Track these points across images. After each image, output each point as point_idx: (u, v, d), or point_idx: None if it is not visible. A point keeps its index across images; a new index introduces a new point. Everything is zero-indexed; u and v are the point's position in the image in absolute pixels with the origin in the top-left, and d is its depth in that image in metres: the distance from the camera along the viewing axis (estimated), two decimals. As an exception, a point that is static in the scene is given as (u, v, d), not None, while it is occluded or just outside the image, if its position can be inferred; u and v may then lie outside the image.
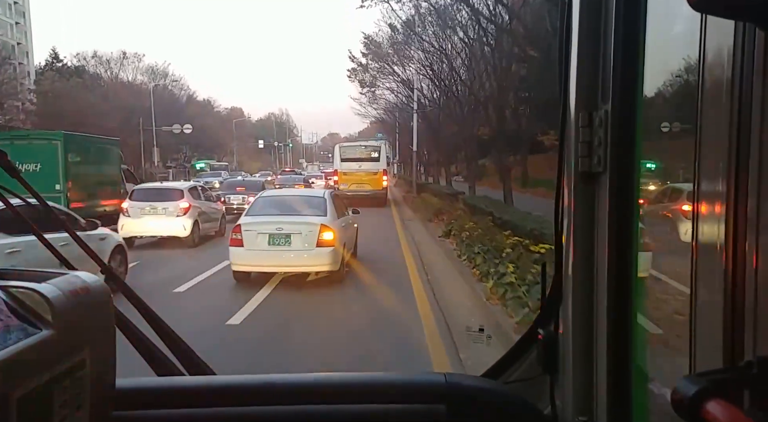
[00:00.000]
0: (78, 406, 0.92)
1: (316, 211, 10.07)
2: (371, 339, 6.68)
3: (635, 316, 1.10)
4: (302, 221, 9.65)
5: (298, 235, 9.39)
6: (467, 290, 9.08)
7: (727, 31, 0.75)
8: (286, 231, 9.43)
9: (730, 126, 0.76)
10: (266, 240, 9.37)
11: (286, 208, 10.44)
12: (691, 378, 0.63)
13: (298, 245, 9.37)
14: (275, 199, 11.43)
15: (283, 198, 11.70)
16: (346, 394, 1.31)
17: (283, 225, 9.51)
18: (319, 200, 10.57)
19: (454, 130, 29.00)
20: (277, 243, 9.39)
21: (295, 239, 9.39)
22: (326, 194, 11.34)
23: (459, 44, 23.97)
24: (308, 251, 9.32)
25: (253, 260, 9.42)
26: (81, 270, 1.05)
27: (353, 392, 1.31)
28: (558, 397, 1.28)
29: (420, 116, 33.28)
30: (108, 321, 1.03)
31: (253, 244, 9.35)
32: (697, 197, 0.83)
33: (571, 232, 1.17)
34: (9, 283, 0.91)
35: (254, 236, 9.37)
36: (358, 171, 28.31)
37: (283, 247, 9.38)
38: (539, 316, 1.37)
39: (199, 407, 1.27)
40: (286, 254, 9.39)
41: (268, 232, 9.42)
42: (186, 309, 8.04)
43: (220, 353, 5.77)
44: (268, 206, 10.59)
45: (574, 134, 1.14)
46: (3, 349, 0.79)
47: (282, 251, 9.38)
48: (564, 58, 1.17)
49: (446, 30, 23.54)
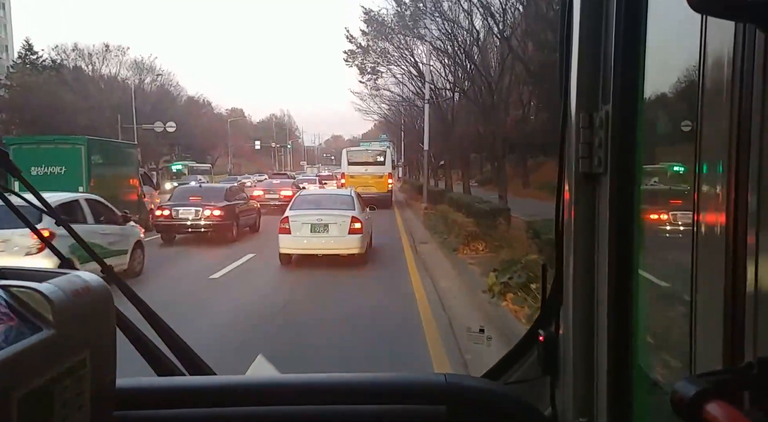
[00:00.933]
0: (79, 406, 0.92)
1: (346, 206, 12.69)
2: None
3: (636, 317, 1.10)
4: (337, 214, 12.09)
5: (335, 225, 11.87)
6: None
7: (727, 31, 0.75)
8: (324, 222, 11.93)
9: (731, 127, 0.76)
10: (309, 229, 11.87)
11: (322, 203, 12.97)
12: (691, 379, 0.63)
13: (334, 233, 11.85)
14: (312, 197, 14.33)
15: (318, 196, 14.71)
16: (346, 395, 1.31)
17: (322, 217, 12.02)
18: (348, 198, 13.37)
19: (475, 124, 24.44)
20: (317, 231, 11.91)
21: (332, 228, 11.88)
22: (352, 192, 14.08)
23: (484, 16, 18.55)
24: (342, 237, 11.80)
25: (298, 244, 11.92)
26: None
27: (353, 392, 1.31)
28: (558, 398, 1.28)
29: (432, 108, 28.89)
30: (109, 320, 1.03)
31: (298, 232, 11.84)
32: (698, 197, 0.83)
33: (572, 233, 1.17)
34: (10, 282, 0.91)
35: (299, 226, 11.84)
36: (365, 174, 29.24)
37: (322, 234, 11.90)
38: (539, 317, 1.38)
39: (199, 407, 1.27)
40: (325, 240, 11.90)
41: (311, 222, 11.91)
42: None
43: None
44: (307, 202, 13.16)
45: (575, 134, 1.14)
46: (4, 349, 0.79)
47: (321, 237, 11.91)
48: (564, 58, 1.17)
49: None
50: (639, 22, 1.04)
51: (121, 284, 1.38)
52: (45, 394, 0.84)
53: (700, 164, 0.83)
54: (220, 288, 10.21)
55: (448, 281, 10.04)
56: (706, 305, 0.83)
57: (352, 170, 29.97)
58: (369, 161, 30.57)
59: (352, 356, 6.03)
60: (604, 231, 1.10)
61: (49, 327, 0.87)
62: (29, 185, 1.30)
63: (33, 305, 0.88)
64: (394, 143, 57.28)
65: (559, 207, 1.21)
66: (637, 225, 1.09)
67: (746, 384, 0.67)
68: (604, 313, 1.11)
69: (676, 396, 0.62)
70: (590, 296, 1.15)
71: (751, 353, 0.73)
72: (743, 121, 0.74)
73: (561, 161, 1.20)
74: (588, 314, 1.16)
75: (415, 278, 10.69)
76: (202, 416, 1.25)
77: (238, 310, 8.42)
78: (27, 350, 0.81)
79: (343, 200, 13.21)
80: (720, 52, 0.77)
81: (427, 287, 9.62)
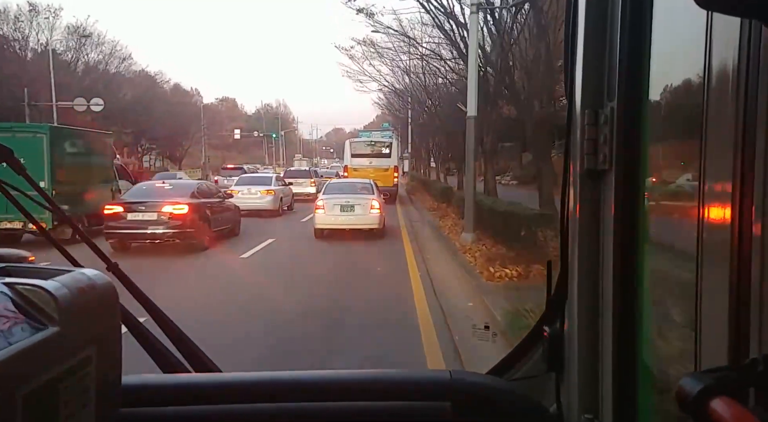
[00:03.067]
0: (84, 403, 0.92)
1: (367, 191, 16.31)
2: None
3: (641, 313, 1.09)
4: (361, 197, 15.71)
5: (359, 205, 15.37)
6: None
7: (733, 28, 0.75)
8: (351, 203, 15.42)
9: (736, 124, 0.76)
10: (339, 208, 15.30)
11: (348, 189, 16.63)
12: (695, 375, 0.63)
13: (359, 212, 15.31)
14: (340, 184, 18.32)
15: (344, 184, 18.51)
16: (351, 391, 1.31)
17: (350, 199, 15.54)
18: (368, 185, 17.07)
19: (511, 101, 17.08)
20: (345, 210, 15.31)
21: (357, 208, 15.35)
22: (372, 182, 17.65)
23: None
24: (365, 215, 15.30)
25: (330, 220, 15.30)
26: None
27: (358, 389, 1.31)
28: (563, 395, 1.28)
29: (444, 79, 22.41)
30: (114, 318, 1.04)
31: (330, 211, 15.27)
32: (703, 194, 0.83)
33: (577, 229, 1.17)
34: (15, 280, 0.92)
35: (331, 206, 15.30)
36: (368, 167, 27.28)
37: (349, 213, 15.30)
38: (545, 313, 1.37)
39: (204, 404, 1.27)
40: (352, 217, 15.29)
41: (340, 204, 15.36)
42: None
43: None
44: (337, 188, 16.90)
45: (580, 131, 1.14)
46: (9, 346, 0.80)
47: (348, 215, 15.29)
48: (570, 55, 1.17)
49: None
50: (644, 19, 1.03)
51: (126, 280, 1.39)
52: (50, 391, 0.85)
53: (706, 161, 0.83)
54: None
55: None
56: (711, 302, 0.82)
57: (355, 163, 28.32)
58: (373, 152, 28.85)
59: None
60: (609, 228, 1.10)
61: (54, 325, 0.87)
62: (31, 179, 1.30)
63: (38, 302, 0.88)
64: (398, 130, 49.33)
65: (564, 204, 1.21)
66: (642, 221, 1.09)
67: (751, 381, 0.67)
68: (609, 310, 1.11)
69: (681, 393, 0.62)
70: (595, 293, 1.15)
71: (756, 350, 0.73)
72: (749, 117, 0.74)
73: (566, 157, 1.20)
74: (593, 310, 1.16)
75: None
76: (207, 413, 1.26)
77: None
78: (32, 347, 0.82)
79: (365, 187, 16.91)
80: (725, 48, 0.77)
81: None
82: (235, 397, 1.28)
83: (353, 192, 16.32)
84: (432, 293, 8.70)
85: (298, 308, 7.74)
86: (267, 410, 1.26)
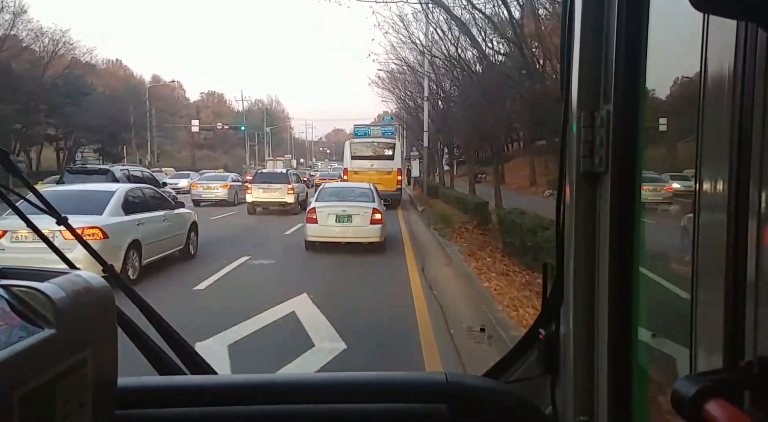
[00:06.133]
0: (80, 405, 0.92)
1: (367, 198, 13.83)
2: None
3: (636, 316, 1.10)
4: (360, 205, 13.16)
5: (357, 215, 12.87)
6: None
7: (729, 30, 0.75)
8: (348, 212, 12.92)
9: (732, 126, 0.76)
10: (334, 218, 12.85)
11: (345, 196, 14.10)
12: (691, 377, 0.63)
13: (357, 223, 12.84)
14: (336, 189, 15.23)
15: (341, 189, 15.47)
16: (347, 393, 1.31)
17: (346, 208, 13.02)
18: (368, 191, 14.46)
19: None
20: (342, 221, 12.88)
21: (355, 218, 12.88)
22: (372, 186, 15.10)
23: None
24: (364, 227, 12.81)
25: (324, 232, 12.84)
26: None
27: (354, 391, 1.31)
28: (559, 397, 1.28)
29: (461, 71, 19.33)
30: (110, 320, 1.04)
31: (324, 221, 12.79)
32: (699, 196, 0.83)
33: (573, 232, 1.17)
34: (11, 282, 0.91)
35: (325, 216, 12.81)
36: (370, 170, 25.39)
37: (347, 224, 12.87)
38: (540, 316, 1.38)
39: (201, 406, 1.27)
40: (349, 229, 12.86)
41: (336, 213, 12.89)
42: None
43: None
44: (332, 194, 14.23)
45: (576, 133, 1.14)
46: (5, 348, 0.79)
47: (345, 227, 12.87)
48: (566, 57, 1.17)
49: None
50: (640, 21, 1.04)
51: (122, 283, 1.39)
52: (46, 393, 0.84)
53: (701, 163, 0.83)
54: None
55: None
56: (707, 304, 0.83)
57: (355, 165, 26.15)
58: (375, 154, 26.61)
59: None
60: (605, 230, 1.10)
61: (51, 327, 0.87)
62: (30, 184, 1.31)
63: (34, 304, 0.88)
64: (403, 122, 42.91)
65: (560, 206, 1.22)
66: (638, 224, 1.09)
67: (747, 383, 0.67)
68: (605, 312, 1.11)
69: (677, 395, 0.62)
70: (591, 295, 1.15)
71: (752, 352, 0.73)
72: (744, 119, 0.74)
73: (562, 159, 1.21)
74: (589, 312, 1.16)
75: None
76: (203, 415, 1.25)
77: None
78: (28, 349, 0.81)
79: (363, 193, 14.36)
80: (722, 50, 0.77)
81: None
82: (231, 399, 1.28)
83: (351, 199, 13.77)
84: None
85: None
86: (263, 412, 1.26)
